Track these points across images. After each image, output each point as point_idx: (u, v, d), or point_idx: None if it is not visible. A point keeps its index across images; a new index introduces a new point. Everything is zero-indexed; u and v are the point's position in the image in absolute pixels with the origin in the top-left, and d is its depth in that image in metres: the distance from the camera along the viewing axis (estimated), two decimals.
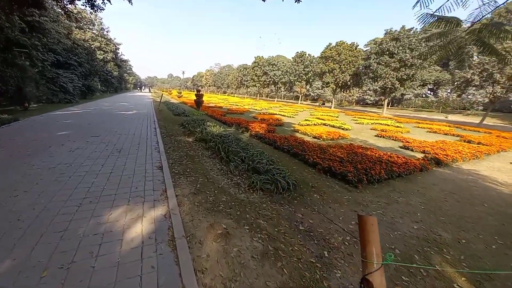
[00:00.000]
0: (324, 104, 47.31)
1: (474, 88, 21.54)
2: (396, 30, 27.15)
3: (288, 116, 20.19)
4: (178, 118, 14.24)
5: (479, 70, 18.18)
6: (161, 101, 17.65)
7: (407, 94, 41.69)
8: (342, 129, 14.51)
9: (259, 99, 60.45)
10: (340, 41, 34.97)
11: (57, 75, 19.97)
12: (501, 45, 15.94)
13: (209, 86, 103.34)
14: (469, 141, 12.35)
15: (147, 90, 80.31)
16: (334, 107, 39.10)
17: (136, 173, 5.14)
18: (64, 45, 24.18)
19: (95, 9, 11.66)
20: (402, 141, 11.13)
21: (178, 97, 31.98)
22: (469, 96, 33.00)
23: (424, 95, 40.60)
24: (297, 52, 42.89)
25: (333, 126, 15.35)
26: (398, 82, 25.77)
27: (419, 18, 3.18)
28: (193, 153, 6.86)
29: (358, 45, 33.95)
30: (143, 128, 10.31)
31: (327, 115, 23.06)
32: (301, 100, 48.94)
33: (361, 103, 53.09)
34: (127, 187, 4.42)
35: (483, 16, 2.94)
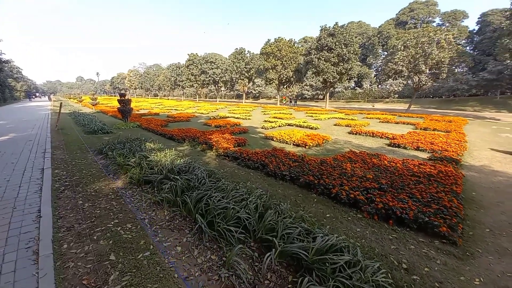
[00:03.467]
0: (292, 102, 44.23)
1: (400, 79, 24.21)
2: (330, 27, 28.20)
3: (243, 118, 17.54)
4: (94, 138, 9.45)
5: (407, 62, 20.28)
6: (60, 116, 11.51)
7: (338, 87, 45.72)
8: (310, 128, 12.95)
9: (199, 100, 55.34)
10: (279, 38, 34.54)
11: None
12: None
13: (135, 88, 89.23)
14: (425, 129, 12.78)
15: (45, 98, 62.20)
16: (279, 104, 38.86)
17: None
18: None
19: None
20: (382, 137, 10.26)
21: (93, 105, 24.47)
22: (387, 86, 38.36)
23: (351, 88, 45.48)
24: (236, 49, 40.50)
25: (300, 126, 13.65)
26: (338, 76, 26.83)
27: None
28: (132, 227, 3.31)
29: (296, 42, 34.23)
30: (14, 174, 5.50)
31: (281, 113, 21.63)
32: (245, 98, 47.07)
33: (300, 98, 55.64)
34: None
35: None
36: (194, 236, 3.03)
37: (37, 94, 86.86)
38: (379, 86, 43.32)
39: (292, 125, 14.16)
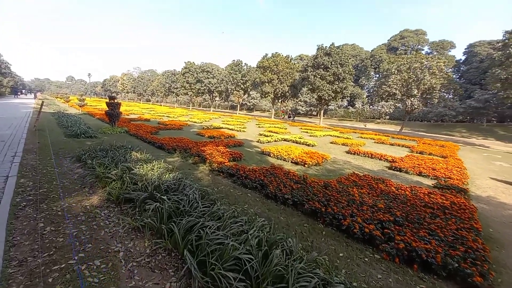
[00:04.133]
0: (291, 117, 36.85)
1: (392, 101, 24.79)
2: (326, 46, 28.97)
3: (238, 130, 17.05)
4: (74, 143, 8.61)
5: (400, 85, 20.82)
6: (40, 115, 10.53)
7: (331, 105, 46.57)
8: (307, 145, 12.60)
9: (192, 108, 54.69)
10: (276, 53, 35.14)
11: None
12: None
13: (127, 92, 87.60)
14: (420, 152, 12.74)
15: (31, 96, 59.64)
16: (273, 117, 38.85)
17: None
18: None
19: None
20: (381, 159, 10.00)
21: (80, 106, 23.31)
22: (378, 108, 39.41)
23: (344, 106, 46.50)
24: (233, 60, 40.79)
25: (296, 142, 13.28)
26: (333, 94, 27.21)
27: None
28: (101, 265, 2.62)
29: (292, 58, 34.90)
30: None
31: (275, 127, 21.37)
32: (239, 110, 46.88)
33: (293, 113, 56.16)
34: None
35: None
36: (180, 281, 2.39)
37: (24, 91, 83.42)
38: (371, 106, 44.51)
39: (288, 141, 13.78)
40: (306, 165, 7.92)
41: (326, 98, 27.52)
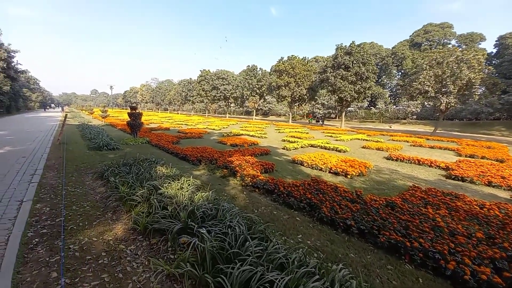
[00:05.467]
0: (319, 121, 35.30)
1: (424, 100, 22.87)
2: (346, 45, 27.66)
3: (259, 137, 16.27)
4: (97, 156, 8.23)
5: (433, 81, 19.02)
6: (63, 128, 10.38)
7: (351, 107, 44.60)
8: (338, 151, 11.50)
9: (208, 115, 55.06)
10: (292, 55, 34.34)
11: None
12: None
13: (146, 102, 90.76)
14: (471, 156, 11.18)
15: (59, 109, 63.35)
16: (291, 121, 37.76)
17: None
18: None
19: None
20: (431, 166, 8.66)
21: (103, 118, 23.84)
22: (404, 107, 36.98)
23: (365, 107, 44.33)
24: (248, 66, 40.48)
25: (325, 148, 12.22)
26: (356, 95, 25.74)
27: None
28: None
29: (309, 60, 33.89)
30: None
31: (297, 132, 20.34)
32: (255, 115, 46.33)
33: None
34: None
35: None
36: None
37: (52, 105, 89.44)
38: (394, 106, 42.03)
39: (315, 146, 12.74)
40: (348, 176, 6.88)
41: (349, 99, 26.08)
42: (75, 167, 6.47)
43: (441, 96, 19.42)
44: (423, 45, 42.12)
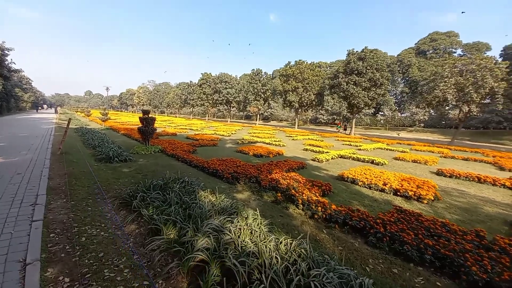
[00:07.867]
0: (346, 129, 33.68)
1: (444, 108, 22.12)
2: (357, 51, 26.93)
3: (276, 145, 15.01)
4: (109, 170, 6.77)
5: (455, 90, 18.27)
6: (66, 135, 8.81)
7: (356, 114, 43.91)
8: (376, 164, 10.32)
9: (209, 119, 53.55)
10: (300, 60, 33.48)
11: None
12: None
13: (143, 105, 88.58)
14: (501, 168, 10.48)
15: (52, 110, 60.69)
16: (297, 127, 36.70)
17: None
18: None
19: None
20: (495, 184, 7.53)
21: (103, 121, 22.16)
22: (413, 115, 36.42)
23: (370, 114, 43.73)
24: (253, 70, 39.41)
25: (358, 160, 11.03)
26: (370, 101, 24.88)
27: None
28: None
29: (318, 65, 33.08)
30: None
31: (310, 139, 19.22)
32: (258, 120, 45.08)
33: (312, 122, 53.84)
34: None
35: None
36: None
37: (45, 106, 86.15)
38: (401, 114, 41.55)
39: (346, 158, 11.57)
40: (424, 201, 5.65)
41: (362, 105, 25.19)
42: (87, 189, 5.02)
43: (461, 104, 18.67)
44: (428, 53, 42.03)
